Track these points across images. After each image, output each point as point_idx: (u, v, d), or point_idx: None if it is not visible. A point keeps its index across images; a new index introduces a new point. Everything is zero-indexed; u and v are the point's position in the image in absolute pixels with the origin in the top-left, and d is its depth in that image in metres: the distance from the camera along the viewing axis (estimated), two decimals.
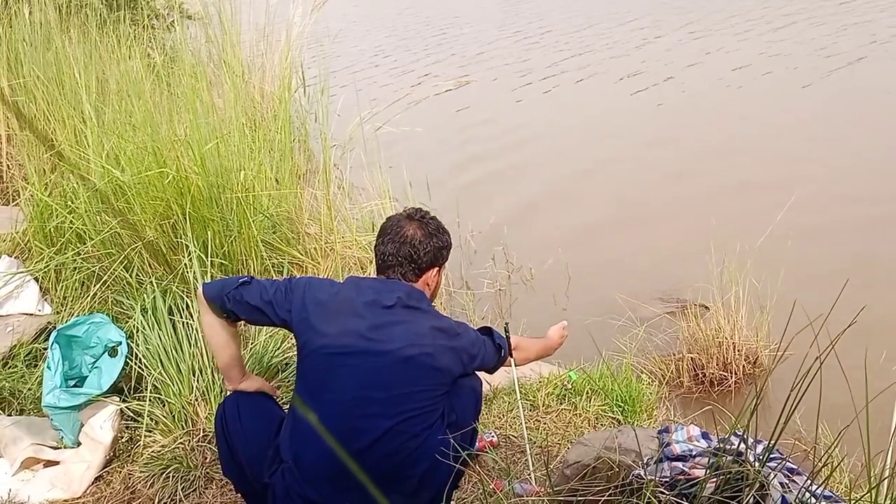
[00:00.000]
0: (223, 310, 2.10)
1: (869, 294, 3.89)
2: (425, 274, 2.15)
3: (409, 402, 1.96)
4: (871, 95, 7.35)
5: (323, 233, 3.95)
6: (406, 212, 2.21)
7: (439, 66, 10.23)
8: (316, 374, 2.01)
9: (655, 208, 5.33)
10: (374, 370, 1.96)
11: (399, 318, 2.01)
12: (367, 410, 1.95)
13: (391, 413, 1.94)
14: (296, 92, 5.82)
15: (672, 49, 9.95)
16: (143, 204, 3.41)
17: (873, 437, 1.57)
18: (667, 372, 3.48)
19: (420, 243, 2.11)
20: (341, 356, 1.98)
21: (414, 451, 1.95)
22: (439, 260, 2.18)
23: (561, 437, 2.82)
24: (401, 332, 1.99)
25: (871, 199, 5.04)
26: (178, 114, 4.02)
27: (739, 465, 1.56)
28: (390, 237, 2.13)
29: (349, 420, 1.95)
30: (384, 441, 1.94)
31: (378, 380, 1.96)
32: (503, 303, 4.29)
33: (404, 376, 1.97)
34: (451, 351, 2.04)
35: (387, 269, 2.13)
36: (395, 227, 2.14)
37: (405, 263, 2.11)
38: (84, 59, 4.81)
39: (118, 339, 2.92)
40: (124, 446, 2.85)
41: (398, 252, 2.10)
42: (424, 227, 2.15)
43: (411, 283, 2.12)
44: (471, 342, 2.13)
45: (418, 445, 1.96)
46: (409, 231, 2.12)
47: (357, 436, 1.93)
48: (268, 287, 2.08)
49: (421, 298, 2.10)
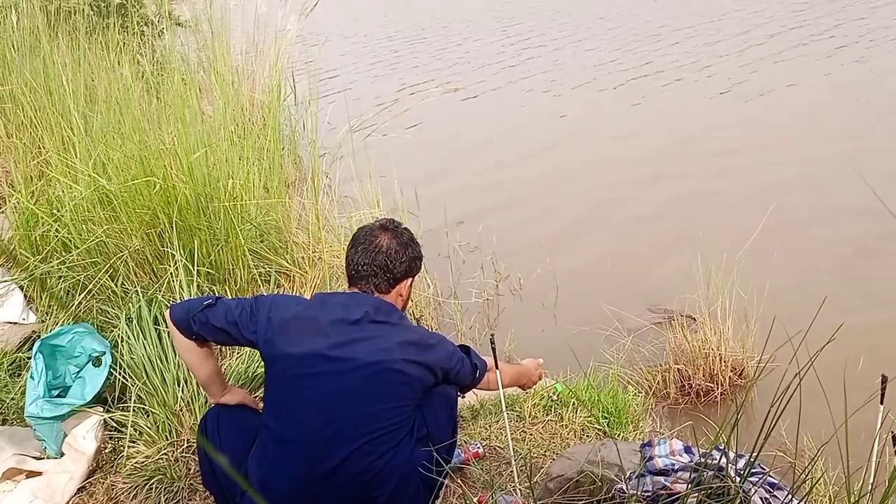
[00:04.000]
0: (191, 332, 2.09)
1: (855, 303, 3.96)
2: (399, 285, 2.12)
3: (375, 422, 1.93)
4: (866, 100, 7.41)
5: (311, 242, 3.95)
6: (379, 222, 2.18)
7: (429, 74, 10.24)
8: (281, 396, 1.99)
9: (643, 219, 5.35)
10: (338, 391, 1.93)
11: (365, 333, 1.98)
12: (332, 433, 1.92)
13: (356, 434, 1.92)
14: (285, 100, 5.81)
15: (668, 56, 10.00)
16: (130, 213, 3.40)
17: (861, 449, 1.59)
18: (653, 383, 3.48)
19: (396, 253, 2.09)
20: (306, 377, 1.95)
21: (380, 470, 1.93)
22: (413, 270, 2.16)
23: (546, 449, 2.82)
24: (366, 349, 1.96)
25: (857, 209, 5.07)
26: (167, 122, 4.01)
27: (721, 481, 1.56)
28: (363, 247, 2.09)
29: (313, 443, 1.92)
30: (350, 463, 1.91)
31: (342, 401, 1.93)
32: (491, 313, 4.29)
33: (369, 395, 1.94)
34: (421, 365, 2.00)
35: (360, 279, 2.10)
36: (369, 237, 2.11)
37: (380, 274, 2.08)
38: (72, 66, 4.80)
39: (102, 348, 2.91)
40: (108, 457, 2.83)
41: (373, 262, 2.07)
42: (398, 237, 2.13)
43: (382, 295, 2.09)
44: (446, 355, 2.09)
45: (384, 465, 1.93)
46: (384, 241, 2.09)
47: (322, 459, 1.91)
48: (233, 308, 2.06)
49: (390, 311, 2.06)
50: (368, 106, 5.97)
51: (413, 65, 11.14)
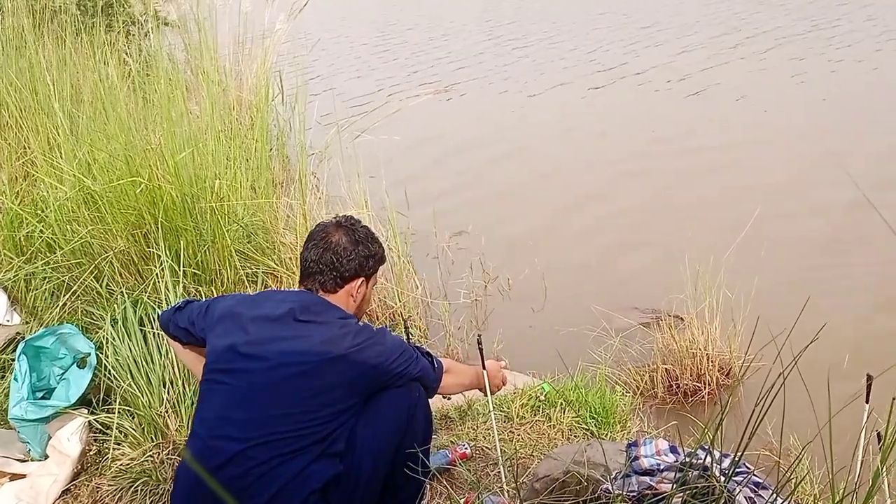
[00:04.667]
0: (169, 334, 2.17)
1: (843, 302, 3.97)
2: (348, 284, 2.04)
3: (267, 426, 1.83)
4: (867, 101, 7.46)
5: (299, 242, 3.92)
6: (336, 218, 2.13)
7: (418, 75, 10.24)
8: (203, 390, 1.99)
9: (631, 220, 5.36)
10: (241, 390, 1.88)
11: (285, 332, 1.91)
12: (223, 432, 1.86)
13: (244, 436, 1.83)
14: (273, 100, 5.79)
15: (660, 56, 10.03)
16: (115, 213, 3.37)
17: (848, 449, 1.59)
18: (641, 383, 3.49)
19: (344, 250, 2.02)
20: (219, 373, 1.94)
21: (258, 478, 1.80)
22: (365, 270, 2.06)
23: (533, 450, 2.82)
24: (280, 348, 1.88)
25: (844, 209, 5.10)
26: (153, 122, 3.99)
27: (706, 480, 1.56)
28: (314, 243, 2.04)
29: (207, 440, 1.89)
30: (232, 465, 1.82)
31: (241, 400, 1.87)
32: (479, 313, 4.29)
33: (270, 398, 1.85)
34: (346, 368, 1.87)
35: (306, 277, 2.05)
36: (321, 234, 2.06)
37: (326, 271, 2.01)
38: (58, 65, 4.77)
39: (87, 349, 2.88)
40: (92, 459, 2.81)
41: (320, 259, 2.01)
42: (352, 233, 2.06)
43: (327, 295, 2.02)
44: (386, 351, 1.95)
45: (263, 473, 1.80)
46: (335, 238, 2.03)
47: (210, 455, 1.85)
48: (195, 309, 2.09)
49: (321, 311, 1.97)
50: (356, 106, 5.96)
51: (400, 64, 11.14)
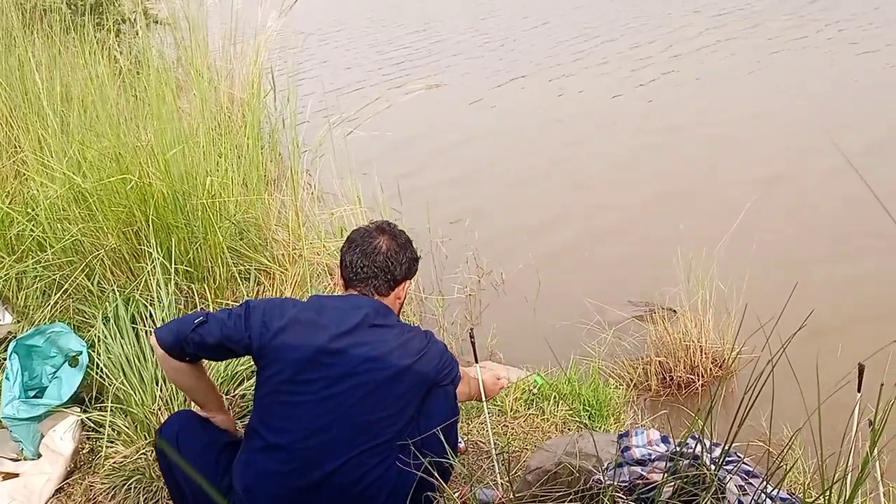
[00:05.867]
0: (183, 355, 2.02)
1: (835, 293, 3.99)
2: (398, 287, 2.09)
3: (369, 432, 1.88)
4: (862, 93, 7.47)
5: (291, 239, 3.92)
6: (374, 224, 2.16)
7: (410, 70, 10.22)
8: (272, 401, 1.93)
9: (624, 214, 5.37)
10: (331, 398, 1.88)
11: (362, 339, 1.93)
12: (323, 441, 1.86)
13: (349, 445, 1.86)
14: (265, 97, 5.78)
15: (653, 54, 10.04)
16: (106, 211, 3.36)
17: (838, 437, 1.60)
18: (634, 375, 3.50)
19: (396, 255, 2.06)
20: (299, 383, 1.90)
21: (372, 483, 1.86)
22: (412, 273, 2.13)
23: (527, 443, 2.82)
24: (362, 355, 1.90)
25: (834, 201, 5.11)
26: (144, 119, 3.97)
27: (696, 469, 1.57)
28: (361, 248, 2.06)
29: (303, 452, 1.87)
30: (340, 474, 1.85)
31: (336, 409, 1.87)
32: (473, 308, 4.29)
33: (364, 404, 1.88)
34: (417, 371, 1.94)
35: (358, 282, 2.06)
36: (366, 239, 2.08)
37: (380, 276, 2.04)
38: (48, 63, 4.75)
39: (79, 348, 2.88)
40: (85, 457, 2.81)
41: (372, 263, 2.04)
42: (396, 238, 2.10)
43: (382, 298, 2.06)
44: (438, 354, 2.04)
45: (377, 478, 1.87)
46: (383, 243, 2.06)
47: (311, 469, 1.85)
48: (225, 319, 1.98)
49: (388, 314, 2.03)
50: (351, 103, 5.94)
51: (392, 60, 11.12)
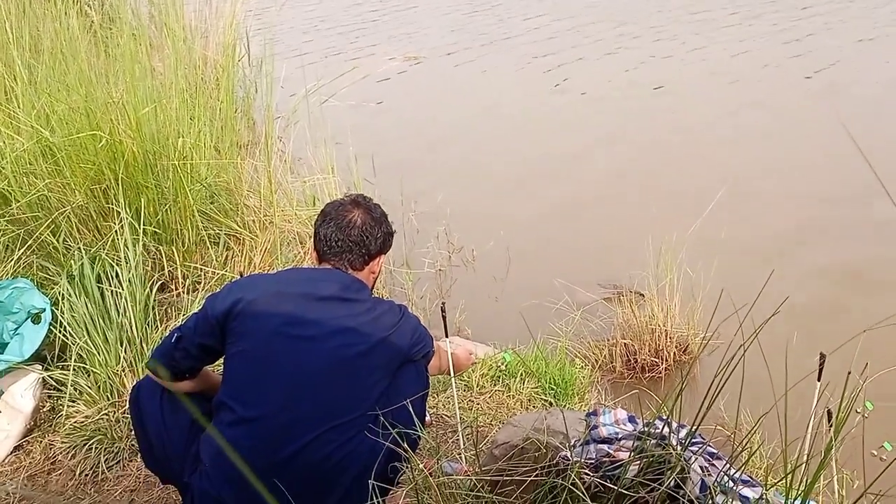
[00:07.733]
0: (181, 375, 2.01)
1: (803, 281, 4.06)
2: (372, 262, 2.08)
3: (339, 407, 1.86)
4: (840, 95, 7.56)
5: (262, 205, 3.88)
6: (349, 197, 2.14)
7: (389, 42, 10.12)
8: (242, 375, 1.91)
9: (597, 195, 5.39)
10: (301, 372, 1.86)
11: (335, 313, 1.92)
12: (294, 416, 1.84)
13: (320, 419, 1.84)
14: (240, 61, 5.68)
15: (645, 47, 10.04)
16: (74, 167, 3.29)
17: (800, 426, 1.63)
18: (600, 357, 3.54)
19: (371, 228, 2.05)
20: (268, 356, 1.88)
21: (343, 458, 1.86)
22: (386, 247, 2.12)
23: (493, 418, 2.84)
24: (334, 329, 1.89)
25: (806, 189, 5.19)
26: (115, 76, 3.88)
27: (662, 449, 1.59)
28: (336, 222, 2.04)
29: (274, 426, 1.85)
30: (311, 449, 1.83)
31: (306, 382, 1.86)
32: (443, 283, 4.30)
33: (334, 379, 1.87)
34: (389, 344, 1.94)
35: (332, 255, 2.04)
36: (342, 212, 2.06)
37: (354, 250, 2.03)
38: (17, 14, 4.60)
39: (42, 305, 2.82)
40: (46, 416, 2.78)
41: (347, 237, 2.02)
42: (371, 212, 2.09)
43: (356, 272, 2.05)
44: (411, 329, 2.02)
45: (348, 452, 1.86)
46: (357, 217, 2.05)
47: (282, 443, 1.83)
48: (197, 322, 1.96)
49: (361, 289, 2.01)
50: (327, 71, 5.88)
51: (371, 30, 10.99)
